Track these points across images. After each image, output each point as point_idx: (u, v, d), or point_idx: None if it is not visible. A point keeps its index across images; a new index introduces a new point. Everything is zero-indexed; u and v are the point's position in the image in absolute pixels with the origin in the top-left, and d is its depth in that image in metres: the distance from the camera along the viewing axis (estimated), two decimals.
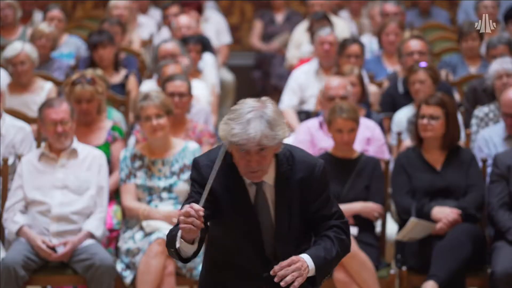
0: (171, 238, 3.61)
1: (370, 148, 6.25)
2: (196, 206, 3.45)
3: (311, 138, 6.25)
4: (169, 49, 7.46)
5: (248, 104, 3.55)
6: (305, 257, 3.58)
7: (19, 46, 7.07)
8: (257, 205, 3.64)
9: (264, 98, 3.60)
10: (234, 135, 3.48)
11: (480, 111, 6.69)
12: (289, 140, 7.08)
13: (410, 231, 5.60)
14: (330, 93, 6.29)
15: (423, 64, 6.83)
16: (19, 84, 7.09)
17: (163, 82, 6.52)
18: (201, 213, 3.44)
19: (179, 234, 3.54)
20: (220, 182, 3.60)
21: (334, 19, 9.24)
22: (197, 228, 3.45)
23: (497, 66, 6.72)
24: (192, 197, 3.64)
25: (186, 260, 3.64)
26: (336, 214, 3.70)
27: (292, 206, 3.63)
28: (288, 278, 3.49)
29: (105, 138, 6.16)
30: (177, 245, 3.57)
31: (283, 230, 3.64)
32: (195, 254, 3.63)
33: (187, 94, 6.42)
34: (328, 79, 6.50)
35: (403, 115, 6.81)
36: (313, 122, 6.40)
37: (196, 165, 3.67)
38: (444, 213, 5.61)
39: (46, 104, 5.68)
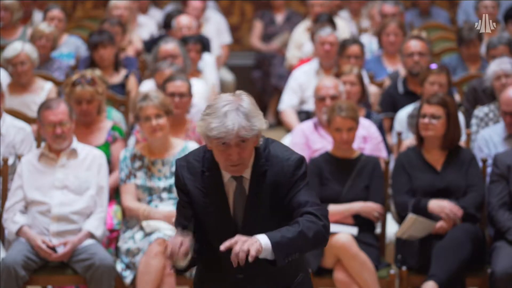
0: None
1: (367, 146, 6.26)
2: (175, 245, 3.51)
3: (306, 140, 6.25)
4: (169, 49, 7.45)
5: (224, 98, 3.57)
6: (257, 236, 3.47)
7: (19, 46, 7.07)
8: (236, 201, 3.64)
9: (238, 92, 3.62)
10: (213, 129, 3.50)
11: (480, 111, 6.69)
12: (285, 142, 7.12)
13: (409, 227, 5.60)
14: (320, 93, 6.29)
15: (434, 66, 6.82)
16: (19, 84, 7.09)
17: (163, 82, 6.52)
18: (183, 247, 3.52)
19: None
20: (197, 183, 3.63)
21: (333, 19, 9.25)
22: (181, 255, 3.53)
23: (495, 67, 6.72)
24: (177, 209, 3.73)
25: (181, 271, 3.67)
26: (309, 202, 3.58)
27: (263, 201, 3.61)
28: (241, 255, 3.37)
29: (105, 138, 6.16)
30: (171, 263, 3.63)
31: (250, 225, 3.62)
32: (193, 264, 3.68)
33: (187, 94, 6.42)
34: (320, 80, 6.50)
35: (405, 115, 6.82)
36: (308, 124, 6.41)
37: (175, 166, 3.72)
38: (441, 206, 5.61)
39: (44, 106, 5.68)
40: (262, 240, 3.44)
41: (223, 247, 3.42)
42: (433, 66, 6.81)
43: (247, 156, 3.55)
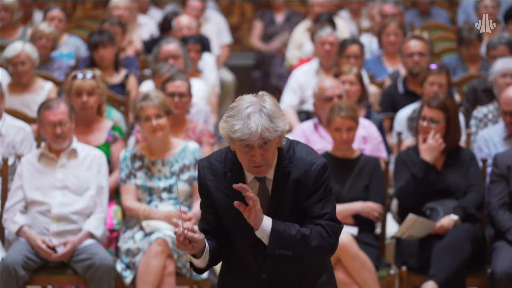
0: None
1: (367, 146, 6.26)
2: (180, 231, 3.52)
3: (306, 141, 6.25)
4: (171, 49, 7.43)
5: (246, 99, 3.57)
6: (265, 217, 3.55)
7: (19, 46, 7.08)
8: (261, 200, 3.61)
9: (261, 93, 3.62)
10: (236, 131, 3.49)
11: (479, 112, 6.68)
12: None
13: (409, 227, 5.60)
14: (327, 93, 6.29)
15: (433, 66, 6.82)
16: (19, 84, 7.09)
17: (163, 82, 6.51)
18: (193, 234, 3.53)
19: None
20: (219, 184, 3.63)
21: (333, 19, 9.25)
22: (192, 246, 3.54)
23: (502, 64, 6.68)
24: (201, 210, 3.75)
25: (200, 270, 3.68)
26: (326, 216, 3.61)
27: (285, 203, 3.62)
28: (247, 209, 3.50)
29: (105, 138, 6.15)
30: (188, 258, 3.66)
31: None
32: (211, 264, 3.67)
33: (187, 94, 6.42)
34: (320, 81, 6.50)
35: (405, 115, 6.82)
36: (308, 124, 6.41)
37: (197, 166, 3.72)
38: (428, 145, 5.65)
39: (44, 106, 5.67)
40: (266, 221, 3.51)
41: (237, 186, 3.47)
42: (433, 66, 6.82)
43: (271, 157, 3.56)
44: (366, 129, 6.32)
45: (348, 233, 5.59)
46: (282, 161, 3.62)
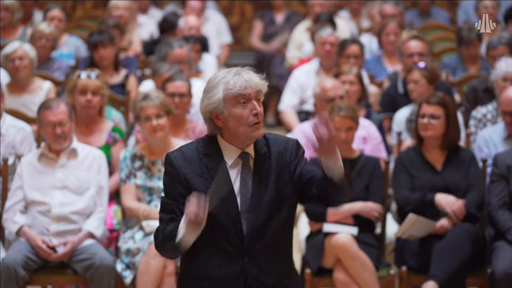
0: (168, 235, 3.68)
1: (366, 147, 6.26)
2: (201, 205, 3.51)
3: (306, 141, 6.25)
4: (183, 53, 7.36)
5: (222, 71, 3.66)
6: None
7: (17, 43, 7.09)
8: (242, 182, 3.65)
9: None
10: (235, 85, 3.58)
11: (478, 112, 6.68)
12: None
13: (410, 227, 5.60)
14: (329, 94, 6.29)
15: (421, 64, 6.84)
16: (18, 84, 7.08)
17: (163, 82, 6.51)
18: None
19: (183, 228, 3.57)
20: (197, 170, 3.64)
21: (333, 19, 9.26)
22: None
23: (506, 67, 6.63)
24: (165, 204, 3.74)
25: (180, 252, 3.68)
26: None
27: (268, 179, 3.66)
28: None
29: (105, 140, 6.15)
30: (180, 237, 3.60)
31: (256, 201, 3.64)
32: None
33: (188, 95, 6.42)
34: (321, 82, 6.49)
35: (404, 115, 6.82)
36: (308, 125, 6.41)
37: (167, 158, 3.71)
38: (449, 201, 5.61)
39: (44, 106, 5.67)
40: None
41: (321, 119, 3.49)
42: (420, 64, 6.84)
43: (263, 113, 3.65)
44: (366, 129, 6.32)
45: (348, 233, 5.59)
46: (258, 142, 3.69)
